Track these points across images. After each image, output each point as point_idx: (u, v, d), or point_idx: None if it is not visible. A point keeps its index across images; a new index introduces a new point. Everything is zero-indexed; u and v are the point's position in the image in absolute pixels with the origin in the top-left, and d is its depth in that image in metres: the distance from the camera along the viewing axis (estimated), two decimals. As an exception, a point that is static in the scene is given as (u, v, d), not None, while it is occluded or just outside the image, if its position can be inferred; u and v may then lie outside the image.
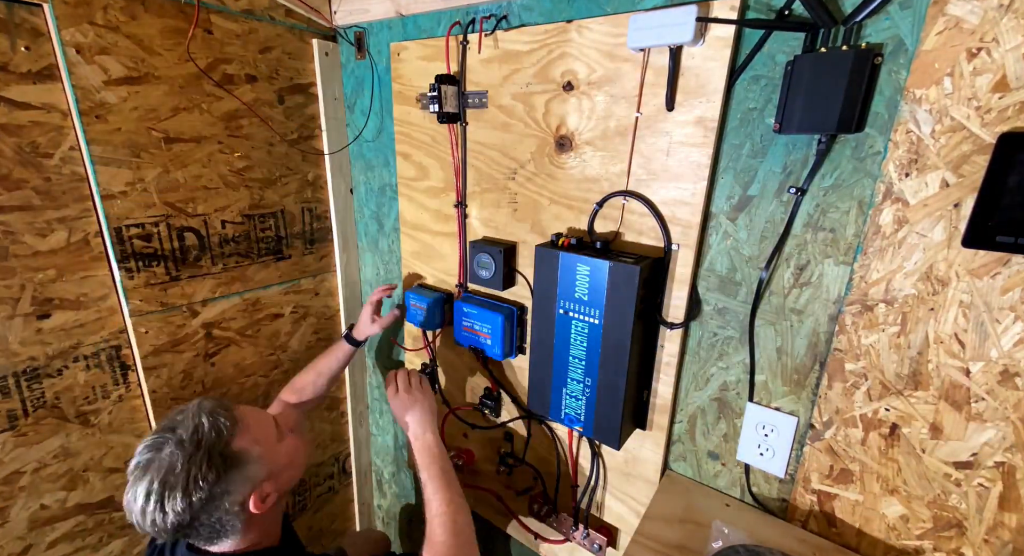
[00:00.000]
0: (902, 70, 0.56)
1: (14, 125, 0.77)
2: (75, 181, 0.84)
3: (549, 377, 0.84)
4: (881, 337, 0.63)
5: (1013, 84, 0.50)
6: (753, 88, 0.64)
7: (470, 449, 1.16)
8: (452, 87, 0.88)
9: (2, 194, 0.77)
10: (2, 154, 0.76)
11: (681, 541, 0.73)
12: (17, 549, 0.89)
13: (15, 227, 0.79)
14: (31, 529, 0.90)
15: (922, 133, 0.56)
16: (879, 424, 0.66)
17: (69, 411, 0.90)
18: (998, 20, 0.50)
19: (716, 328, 0.75)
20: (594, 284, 0.74)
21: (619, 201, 0.77)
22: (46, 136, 0.80)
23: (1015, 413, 0.57)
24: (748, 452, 0.76)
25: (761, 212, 0.68)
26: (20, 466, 0.87)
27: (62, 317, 0.86)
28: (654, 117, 0.71)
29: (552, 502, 1.02)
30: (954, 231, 0.56)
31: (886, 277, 0.61)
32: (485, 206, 0.95)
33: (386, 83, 1.07)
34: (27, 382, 0.85)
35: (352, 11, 1.04)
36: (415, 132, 1.02)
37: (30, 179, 0.79)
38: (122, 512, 1.05)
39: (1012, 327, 0.55)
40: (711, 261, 0.73)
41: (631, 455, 0.88)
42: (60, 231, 0.84)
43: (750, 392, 0.75)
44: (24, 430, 0.86)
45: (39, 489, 0.90)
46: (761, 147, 0.66)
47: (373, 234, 1.26)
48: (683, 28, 0.62)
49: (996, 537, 0.61)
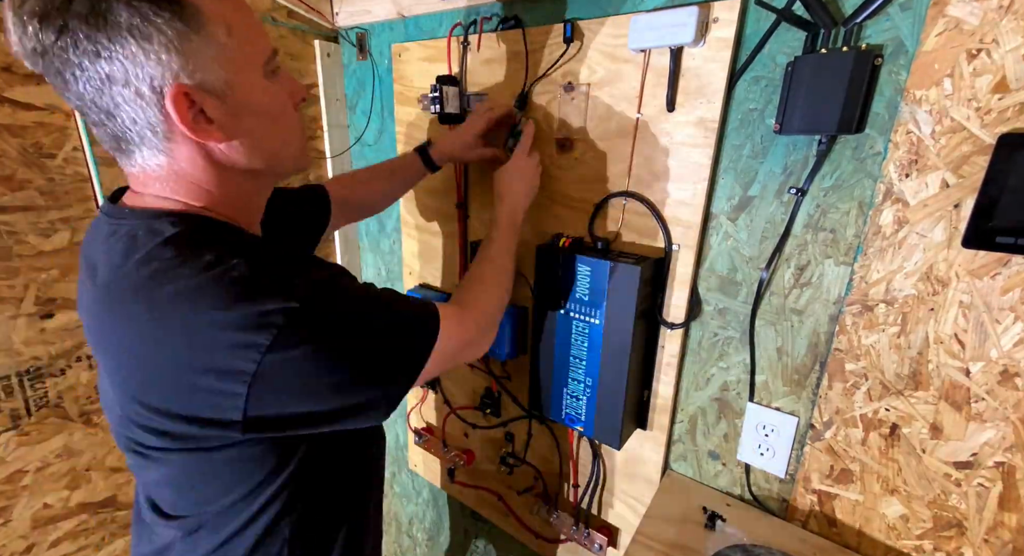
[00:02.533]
0: (902, 71, 0.56)
1: (18, 126, 0.77)
2: (78, 181, 0.84)
3: (550, 377, 0.84)
4: (881, 337, 0.63)
5: (1013, 85, 0.50)
6: (754, 89, 0.65)
7: (471, 449, 1.16)
8: (453, 88, 0.88)
9: (6, 194, 0.77)
10: (6, 155, 0.77)
11: (682, 541, 0.73)
12: (20, 548, 0.89)
13: (19, 227, 0.79)
14: (34, 528, 0.90)
15: (922, 134, 0.56)
16: (879, 424, 0.66)
17: (72, 410, 0.91)
18: (998, 21, 0.50)
19: (716, 328, 0.76)
20: (595, 284, 0.74)
21: (620, 201, 0.77)
22: (49, 137, 0.80)
23: (1015, 413, 0.57)
24: (748, 452, 0.77)
25: (761, 213, 0.68)
26: (23, 465, 0.87)
27: (65, 317, 0.87)
28: (655, 118, 0.71)
29: (553, 502, 1.02)
30: (954, 231, 0.56)
31: (886, 277, 0.61)
32: (486, 206, 0.95)
33: (387, 84, 1.07)
34: (30, 381, 0.85)
35: (354, 12, 1.05)
36: (416, 133, 1.03)
37: (33, 179, 0.80)
38: (124, 511, 1.06)
39: (1012, 327, 0.55)
40: (712, 261, 0.73)
41: (632, 455, 0.88)
42: (63, 231, 0.84)
43: (750, 392, 0.75)
44: (27, 429, 0.86)
45: (42, 488, 0.90)
46: (761, 148, 0.66)
47: (374, 234, 1.26)
48: (684, 29, 0.62)
49: (996, 537, 0.61)
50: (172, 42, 0.41)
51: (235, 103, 0.47)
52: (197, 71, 0.43)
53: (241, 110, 0.47)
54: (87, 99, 0.42)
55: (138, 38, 0.40)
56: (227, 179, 0.50)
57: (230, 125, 0.47)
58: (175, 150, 0.46)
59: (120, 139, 0.45)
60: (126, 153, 0.47)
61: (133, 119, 0.43)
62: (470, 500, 1.22)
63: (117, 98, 0.42)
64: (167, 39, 0.41)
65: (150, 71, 0.41)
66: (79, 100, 0.43)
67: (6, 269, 0.79)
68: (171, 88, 0.42)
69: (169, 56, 0.41)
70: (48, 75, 0.42)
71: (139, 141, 0.45)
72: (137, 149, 0.46)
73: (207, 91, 0.44)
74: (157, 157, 0.46)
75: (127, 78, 0.41)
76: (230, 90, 0.46)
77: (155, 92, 0.42)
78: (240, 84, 0.47)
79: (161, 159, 0.46)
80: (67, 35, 0.39)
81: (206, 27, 0.43)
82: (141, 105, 0.43)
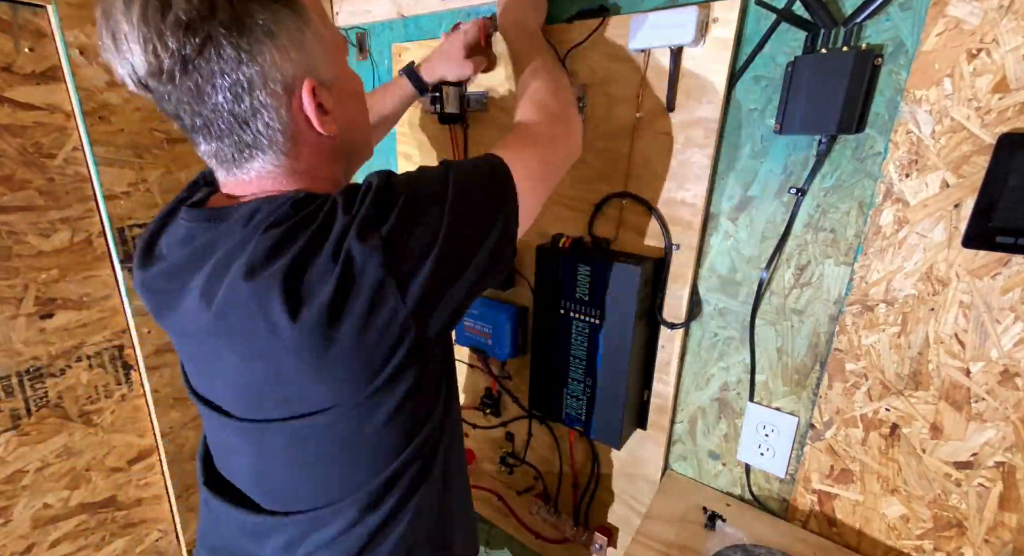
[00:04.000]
0: (902, 71, 0.56)
1: (18, 126, 0.77)
2: (78, 181, 0.84)
3: (550, 377, 0.84)
4: (881, 337, 0.63)
5: (1013, 85, 0.50)
6: (754, 89, 0.65)
7: (471, 449, 1.16)
8: (453, 88, 0.88)
9: (6, 194, 0.77)
10: (6, 155, 0.77)
11: (681, 541, 0.73)
12: (20, 548, 0.89)
13: (18, 227, 0.79)
14: (34, 528, 0.90)
15: (922, 134, 0.56)
16: (879, 424, 0.66)
17: (72, 410, 0.91)
18: (998, 21, 0.50)
19: (716, 328, 0.76)
20: (595, 285, 0.74)
21: (620, 201, 0.77)
22: (49, 137, 0.80)
23: (1015, 413, 0.57)
24: (748, 452, 0.77)
25: (762, 212, 0.68)
26: (23, 465, 0.87)
27: (65, 317, 0.87)
28: (655, 118, 0.71)
29: (553, 502, 1.02)
30: (954, 231, 0.56)
31: (886, 277, 0.61)
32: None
33: (387, 84, 1.07)
34: (30, 382, 0.85)
35: (354, 12, 1.05)
36: (416, 133, 1.03)
37: (33, 179, 0.80)
38: (124, 511, 1.06)
39: (1012, 327, 0.55)
40: (712, 261, 0.73)
41: (632, 455, 0.88)
42: (63, 231, 0.84)
43: (750, 392, 0.75)
44: (27, 429, 0.86)
45: (42, 488, 0.90)
46: (762, 148, 0.66)
47: (374, 234, 1.26)
48: (684, 29, 0.62)
49: (996, 537, 0.61)
50: (295, 38, 0.42)
51: (340, 92, 0.48)
52: (317, 65, 0.45)
53: (345, 98, 0.49)
54: (223, 110, 0.42)
55: (272, 38, 0.41)
56: (334, 167, 0.51)
57: (339, 113, 0.48)
58: (298, 148, 0.46)
59: (248, 147, 0.45)
60: (245, 161, 0.46)
61: (267, 123, 0.43)
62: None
63: (255, 103, 0.42)
64: (292, 36, 0.42)
65: (284, 71, 0.42)
66: (213, 113, 0.42)
67: (6, 269, 0.79)
68: (306, 84, 0.43)
69: (298, 53, 0.42)
70: (179, 92, 0.41)
71: (267, 145, 0.45)
72: (261, 154, 0.45)
73: (322, 83, 0.45)
74: (278, 159, 0.46)
75: (265, 80, 0.41)
76: (336, 80, 0.47)
77: (288, 91, 0.43)
78: (341, 73, 0.49)
79: (281, 160, 0.46)
80: (211, 44, 0.39)
81: (311, 21, 0.44)
82: (275, 107, 0.43)
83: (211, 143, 0.45)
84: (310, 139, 0.47)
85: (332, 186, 0.51)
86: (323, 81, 0.45)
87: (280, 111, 0.43)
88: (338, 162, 0.52)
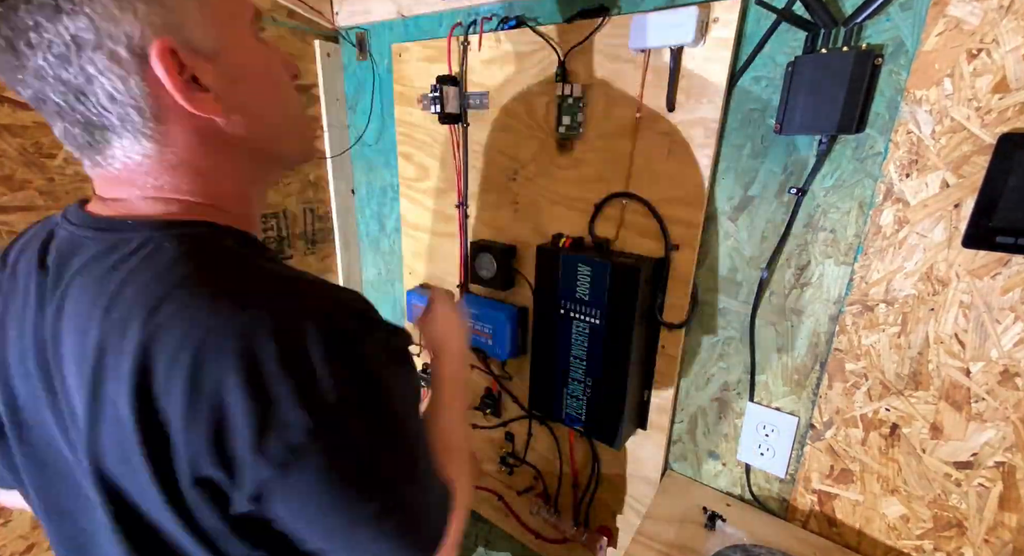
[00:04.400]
0: (902, 71, 0.56)
1: (18, 126, 0.77)
2: (78, 182, 0.84)
3: (550, 377, 0.84)
4: (881, 337, 0.63)
5: (1013, 85, 0.50)
6: (754, 89, 0.65)
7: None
8: (453, 88, 0.88)
9: (5, 194, 0.77)
10: (5, 155, 0.77)
11: (681, 541, 0.73)
12: (20, 548, 0.89)
13: (18, 227, 0.79)
14: (34, 528, 0.90)
15: (922, 134, 0.56)
16: (879, 424, 0.66)
17: (72, 410, 0.91)
18: (998, 21, 0.50)
19: (717, 328, 0.76)
20: (595, 285, 0.74)
21: (620, 201, 0.77)
22: (49, 137, 0.80)
23: (1015, 413, 0.57)
24: (748, 452, 0.77)
25: (762, 212, 0.68)
26: (23, 465, 0.87)
27: (65, 317, 0.87)
28: (655, 118, 0.71)
29: (553, 502, 1.02)
30: (954, 231, 0.56)
31: (886, 277, 0.61)
32: (486, 207, 0.95)
33: (387, 84, 1.07)
34: (30, 381, 0.85)
35: (354, 12, 1.05)
36: (416, 133, 1.03)
37: (33, 180, 0.80)
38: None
39: (1012, 327, 0.55)
40: (711, 261, 0.73)
41: (632, 455, 0.88)
42: (63, 231, 0.84)
43: (750, 392, 0.75)
44: (27, 429, 0.86)
45: (42, 488, 0.90)
46: (762, 148, 0.66)
47: (374, 234, 1.26)
48: (684, 29, 0.62)
49: (996, 537, 0.61)
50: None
51: (228, 66, 0.39)
52: (183, 25, 0.36)
53: (236, 75, 0.40)
54: (49, 76, 0.34)
55: None
56: (230, 168, 0.42)
57: (227, 94, 0.39)
58: (167, 133, 0.38)
59: (93, 127, 0.36)
60: (100, 146, 0.38)
61: (110, 94, 0.35)
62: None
63: (88, 67, 0.33)
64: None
65: (127, 27, 0.33)
66: (38, 80, 0.34)
67: (6, 269, 0.79)
68: (155, 44, 0.34)
69: (148, 7, 0.34)
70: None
71: (119, 125, 0.36)
72: (116, 137, 0.37)
73: (196, 51, 0.37)
74: (142, 145, 0.37)
75: (99, 39, 0.33)
76: (222, 49, 0.38)
77: (135, 54, 0.34)
78: (231, 42, 0.39)
79: (148, 147, 0.38)
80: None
81: None
82: (119, 74, 0.34)
83: (56, 122, 0.37)
84: (184, 123, 0.38)
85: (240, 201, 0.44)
86: (196, 47, 0.36)
87: (128, 81, 0.35)
88: (244, 162, 0.43)
